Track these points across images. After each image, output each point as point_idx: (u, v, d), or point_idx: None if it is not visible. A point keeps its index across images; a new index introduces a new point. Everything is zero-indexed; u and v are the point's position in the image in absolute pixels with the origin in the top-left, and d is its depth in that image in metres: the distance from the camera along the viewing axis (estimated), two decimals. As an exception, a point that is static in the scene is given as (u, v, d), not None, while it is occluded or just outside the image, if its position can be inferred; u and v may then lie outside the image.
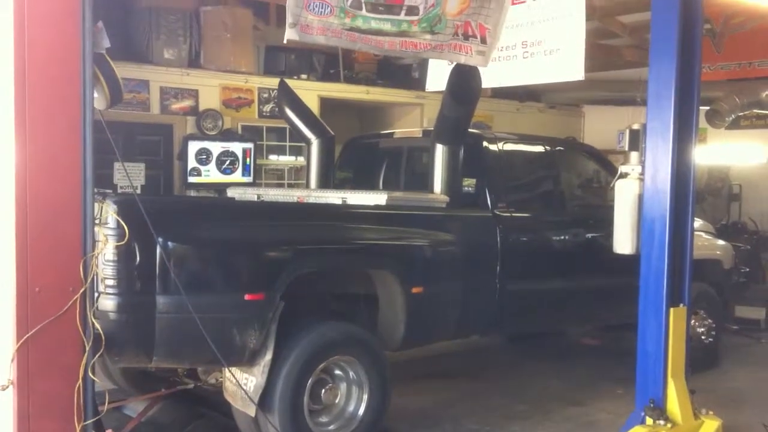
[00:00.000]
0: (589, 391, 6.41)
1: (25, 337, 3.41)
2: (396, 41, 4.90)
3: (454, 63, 5.47)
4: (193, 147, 8.91)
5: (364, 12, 4.69)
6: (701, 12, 4.80)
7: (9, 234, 3.44)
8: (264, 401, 4.41)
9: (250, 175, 9.29)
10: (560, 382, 6.69)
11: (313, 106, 9.01)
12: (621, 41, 9.84)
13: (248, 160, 9.27)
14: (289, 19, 4.42)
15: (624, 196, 4.89)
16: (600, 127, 12.35)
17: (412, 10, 4.86)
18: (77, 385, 3.57)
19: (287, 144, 9.76)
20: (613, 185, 5.04)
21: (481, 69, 5.77)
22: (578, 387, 6.54)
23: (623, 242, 4.90)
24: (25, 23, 3.44)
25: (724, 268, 7.56)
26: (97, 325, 3.71)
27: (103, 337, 3.72)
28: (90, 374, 3.67)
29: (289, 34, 4.46)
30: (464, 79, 5.61)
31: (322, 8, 4.51)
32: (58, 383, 3.55)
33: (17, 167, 3.44)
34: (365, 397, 4.84)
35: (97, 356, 3.73)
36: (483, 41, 5.31)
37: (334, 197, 5.45)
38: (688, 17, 4.63)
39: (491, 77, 6.27)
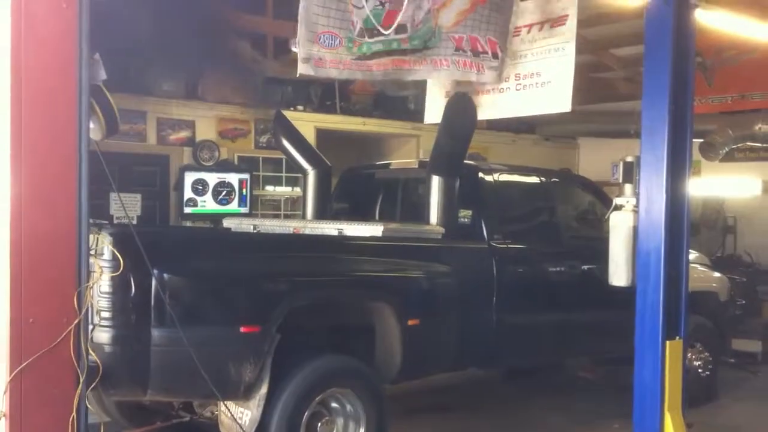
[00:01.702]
0: (587, 425, 6.37)
1: (18, 369, 3.38)
2: (388, 61, 4.90)
3: (458, 83, 5.45)
4: (190, 178, 8.93)
5: (366, 38, 4.70)
6: (693, 46, 4.86)
7: (3, 264, 3.43)
8: (260, 434, 4.36)
9: (246, 206, 9.31)
10: (558, 417, 6.64)
11: (310, 137, 9.04)
12: (614, 74, 9.94)
13: (244, 190, 9.29)
14: (301, 54, 4.41)
15: (619, 228, 4.91)
16: (595, 159, 12.40)
17: (400, 29, 4.83)
18: (71, 418, 3.53)
19: (284, 175, 9.79)
20: (608, 217, 5.05)
21: (475, 101, 5.82)
22: (576, 421, 6.49)
23: (618, 274, 4.90)
24: (22, 54, 3.45)
25: (720, 300, 7.55)
26: (95, 356, 3.68)
27: (100, 369, 3.69)
28: (87, 405, 3.63)
29: (303, 69, 4.45)
30: (459, 112, 5.64)
31: (331, 40, 4.50)
32: (52, 415, 3.51)
33: (12, 197, 3.43)
34: (362, 430, 4.79)
35: (90, 388, 3.69)
36: (494, 56, 5.29)
37: (330, 228, 5.44)
38: (681, 51, 4.69)
39: (485, 109, 6.33)
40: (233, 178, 9.22)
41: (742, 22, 6.24)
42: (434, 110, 6.92)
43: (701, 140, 9.85)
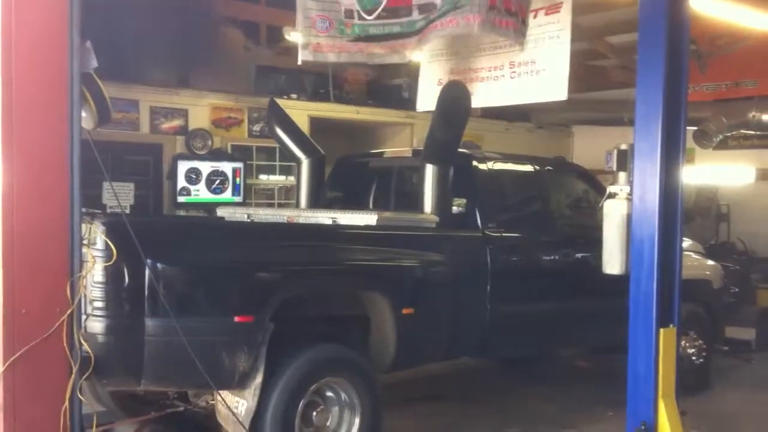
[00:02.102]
0: (581, 414, 6.38)
1: (11, 359, 3.37)
2: (413, 40, 4.73)
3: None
4: (183, 167, 8.90)
5: (356, 20, 4.60)
6: (688, 34, 4.84)
7: (-5, 255, 3.41)
8: (255, 424, 4.36)
9: (239, 195, 9.28)
10: (552, 405, 6.66)
11: (303, 125, 9.02)
12: (609, 62, 9.93)
13: (238, 179, 9.27)
14: (300, 41, 4.36)
15: (612, 216, 4.90)
16: (589, 147, 12.41)
17: (425, 8, 4.69)
18: (64, 408, 3.52)
19: (277, 163, 9.77)
20: (602, 205, 5.05)
21: (469, 88, 5.80)
22: (570, 410, 6.51)
23: (612, 262, 4.89)
24: (12, 42, 3.42)
25: (714, 288, 7.57)
26: (87, 347, 3.67)
27: (92, 359, 3.68)
28: (78, 396, 3.62)
29: (303, 56, 4.41)
30: (453, 100, 5.63)
31: (323, 23, 4.45)
32: (45, 406, 3.50)
33: (4, 187, 3.41)
34: (357, 419, 4.80)
35: (83, 378, 3.68)
36: (523, 22, 5.24)
37: (324, 217, 5.43)
38: (675, 38, 4.66)
39: (479, 97, 6.32)
40: (227, 167, 9.20)
41: (736, 10, 6.23)
42: (427, 98, 6.91)
43: (695, 128, 9.85)
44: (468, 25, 4.86)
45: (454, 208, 5.88)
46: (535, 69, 6.07)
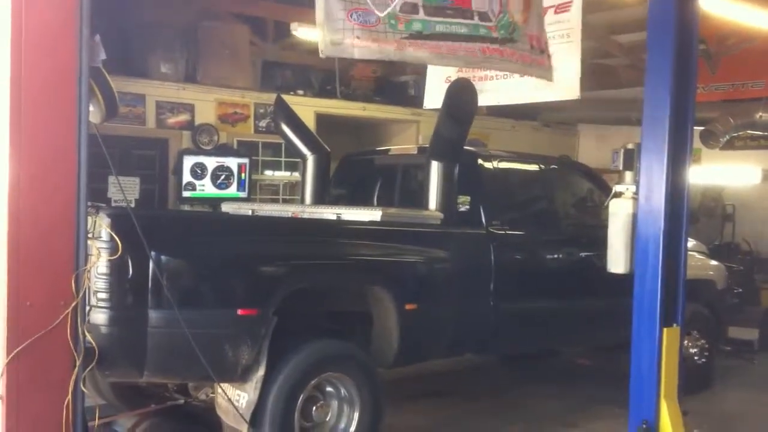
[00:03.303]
0: (583, 412, 6.38)
1: (15, 352, 3.38)
2: (475, 47, 4.48)
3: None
4: (188, 161, 8.91)
5: (421, 15, 4.24)
6: (697, 33, 4.83)
7: (1, 247, 3.42)
8: (255, 418, 4.37)
9: (244, 190, 9.29)
10: (555, 403, 6.66)
11: (310, 122, 9.02)
12: (617, 61, 9.92)
13: (243, 175, 9.28)
14: (328, 36, 3.93)
15: (618, 215, 4.89)
16: (594, 146, 12.41)
17: (483, 16, 4.52)
18: (67, 401, 3.53)
19: (282, 159, 9.78)
20: (607, 204, 5.04)
21: (478, 88, 5.79)
22: (573, 408, 6.50)
23: (617, 261, 4.89)
24: (22, 36, 3.43)
25: (718, 288, 7.56)
26: (91, 339, 3.69)
27: (96, 351, 3.69)
28: (82, 388, 3.63)
29: (335, 52, 3.98)
30: (460, 97, 5.62)
31: (366, 17, 4.03)
32: (48, 398, 3.52)
33: (11, 180, 3.42)
34: (356, 415, 4.80)
35: (87, 370, 3.69)
36: (549, 57, 5.21)
37: (328, 213, 5.44)
38: (684, 38, 4.65)
39: (489, 96, 6.31)
40: (232, 163, 9.20)
41: (746, 10, 6.21)
42: (434, 95, 6.90)
43: (702, 128, 9.83)
44: (524, 66, 4.87)
45: (459, 206, 5.88)
46: None
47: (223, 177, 9.12)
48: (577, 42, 5.81)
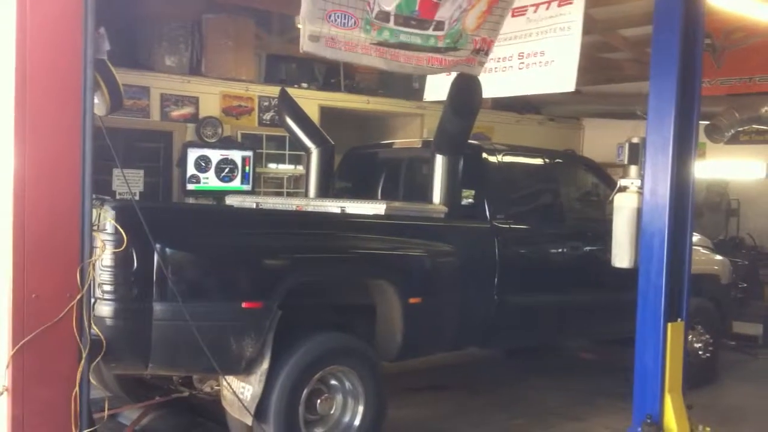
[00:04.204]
0: (588, 405, 6.38)
1: (20, 344, 3.39)
2: (423, 57, 4.71)
3: (456, 73, 5.47)
4: (193, 154, 8.91)
5: (391, 24, 4.44)
6: (703, 27, 4.82)
7: (6, 240, 3.43)
8: (259, 410, 4.38)
9: (249, 184, 9.29)
10: (559, 397, 6.66)
11: (314, 115, 9.02)
12: (621, 55, 9.87)
13: (247, 168, 9.28)
14: (308, 31, 4.12)
15: (623, 209, 4.89)
16: (599, 140, 12.37)
17: (439, 26, 4.69)
18: (74, 392, 3.54)
19: (287, 152, 9.77)
20: (612, 199, 5.04)
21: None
22: (576, 402, 6.51)
23: (621, 256, 4.89)
24: (27, 28, 3.43)
25: (722, 283, 7.56)
26: (97, 331, 3.70)
27: (104, 343, 3.70)
28: (91, 380, 3.64)
29: (311, 48, 4.16)
30: (465, 91, 5.61)
31: (345, 19, 4.24)
32: (54, 390, 3.52)
33: (16, 172, 3.42)
34: (361, 408, 4.81)
35: (95, 363, 3.70)
36: (486, 53, 5.30)
37: (332, 206, 5.44)
38: (690, 32, 4.64)
39: (488, 88, 6.29)
40: (236, 156, 9.20)
41: (752, 4, 6.18)
42: (435, 87, 6.91)
43: (707, 122, 9.80)
44: (454, 69, 5.14)
45: (463, 199, 5.88)
46: (544, 60, 6.05)
47: (227, 170, 9.12)
48: (577, 35, 5.81)
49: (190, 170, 8.90)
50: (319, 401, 4.67)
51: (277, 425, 4.40)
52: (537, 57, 6.08)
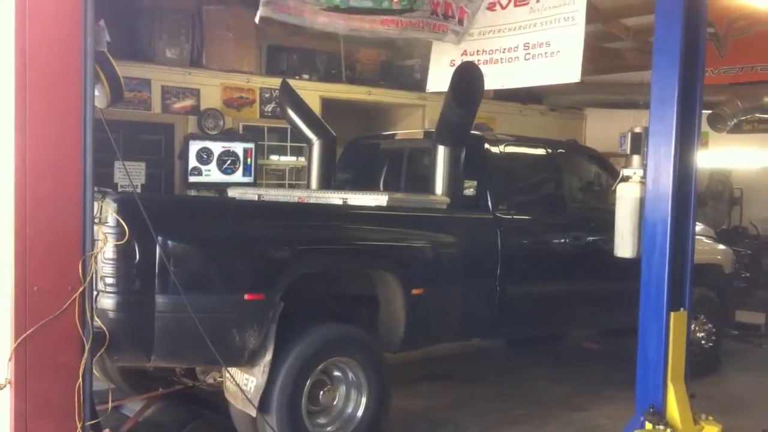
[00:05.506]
0: (590, 395, 6.39)
1: (23, 336, 3.39)
2: (377, 19, 4.80)
3: (456, 65, 5.46)
4: (194, 146, 8.91)
5: None
6: (705, 16, 4.79)
7: (8, 232, 3.43)
8: (262, 402, 4.39)
9: (250, 175, 9.28)
10: (561, 387, 6.67)
11: (315, 106, 8.99)
12: (624, 44, 9.84)
13: (249, 160, 9.27)
14: None
15: (625, 199, 4.88)
16: (602, 130, 12.34)
17: None
18: (77, 384, 3.55)
19: (288, 144, 9.76)
20: (615, 188, 5.02)
21: (483, 70, 5.76)
22: (579, 391, 6.52)
23: (624, 246, 4.88)
24: (26, 20, 3.42)
25: (725, 272, 7.55)
26: (100, 324, 3.70)
27: (107, 336, 3.70)
28: (95, 372, 3.64)
29: (263, 12, 4.31)
30: (467, 81, 5.59)
31: None
32: (56, 383, 3.52)
33: (17, 165, 3.42)
34: (364, 399, 4.82)
35: (98, 355, 3.71)
36: (460, 23, 5.31)
37: (335, 198, 5.43)
38: (692, 21, 4.61)
39: (493, 79, 6.28)
40: (238, 148, 9.19)
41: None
42: (438, 78, 6.88)
43: (709, 111, 9.77)
44: (415, 32, 5.23)
45: (466, 190, 5.87)
46: (549, 51, 6.03)
47: (228, 162, 9.11)
48: (581, 25, 5.78)
49: (192, 162, 8.89)
50: (322, 392, 4.68)
51: (281, 416, 4.41)
52: (543, 48, 6.06)
